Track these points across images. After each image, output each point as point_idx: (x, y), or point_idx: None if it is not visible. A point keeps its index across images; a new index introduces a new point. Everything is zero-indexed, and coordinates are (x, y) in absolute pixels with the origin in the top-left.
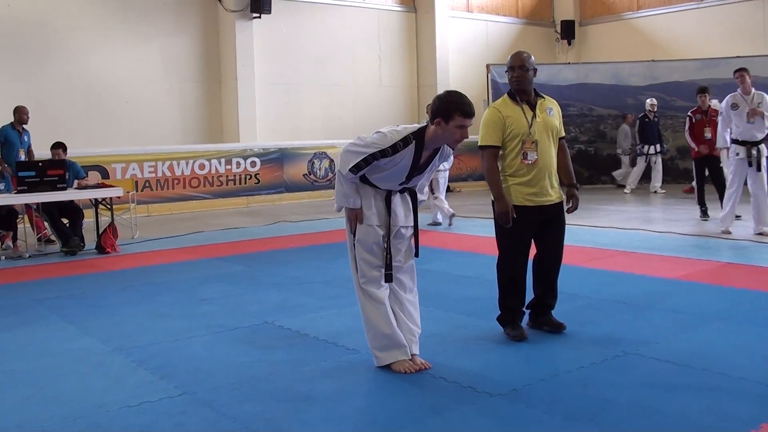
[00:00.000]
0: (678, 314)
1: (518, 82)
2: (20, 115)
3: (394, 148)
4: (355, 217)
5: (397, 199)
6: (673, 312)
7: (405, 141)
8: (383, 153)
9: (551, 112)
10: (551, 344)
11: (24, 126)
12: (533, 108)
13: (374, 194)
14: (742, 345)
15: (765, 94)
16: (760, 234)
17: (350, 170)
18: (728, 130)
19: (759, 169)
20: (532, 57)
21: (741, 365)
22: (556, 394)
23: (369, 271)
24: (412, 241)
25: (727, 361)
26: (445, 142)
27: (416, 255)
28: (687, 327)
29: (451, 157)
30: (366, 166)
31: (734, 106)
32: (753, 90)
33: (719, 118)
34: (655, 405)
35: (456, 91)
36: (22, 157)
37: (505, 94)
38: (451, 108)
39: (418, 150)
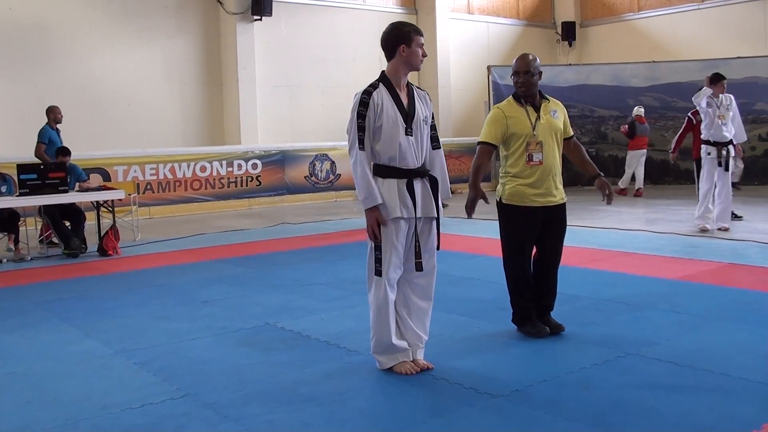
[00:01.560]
0: (679, 315)
1: (524, 87)
2: (55, 114)
3: (368, 92)
4: (376, 222)
5: (419, 187)
6: (675, 312)
7: (372, 85)
8: (364, 104)
9: (555, 114)
10: (553, 345)
11: (58, 125)
12: (537, 110)
13: (397, 184)
14: (744, 345)
15: (732, 97)
16: (720, 229)
17: (358, 148)
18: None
19: (726, 168)
20: (538, 60)
21: (743, 365)
22: (558, 395)
23: (391, 272)
24: (434, 233)
25: (729, 361)
26: (409, 68)
27: (437, 248)
28: (688, 327)
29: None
30: (364, 134)
31: (709, 105)
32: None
33: (704, 116)
34: (657, 405)
35: (398, 21)
36: None
37: (511, 96)
38: (410, 32)
39: (390, 89)
